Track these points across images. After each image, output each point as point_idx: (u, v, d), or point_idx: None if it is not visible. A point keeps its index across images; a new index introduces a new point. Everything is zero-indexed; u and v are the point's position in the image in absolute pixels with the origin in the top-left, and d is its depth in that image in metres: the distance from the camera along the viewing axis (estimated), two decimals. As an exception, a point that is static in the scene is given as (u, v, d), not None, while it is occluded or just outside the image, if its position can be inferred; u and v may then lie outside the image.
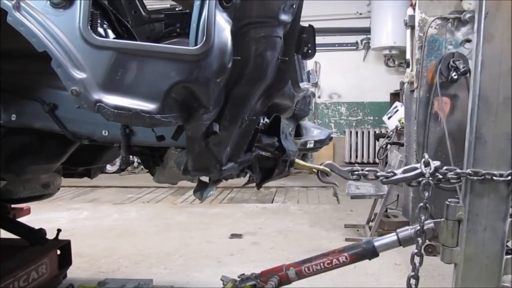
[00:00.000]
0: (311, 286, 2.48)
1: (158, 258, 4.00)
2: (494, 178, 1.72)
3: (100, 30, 1.49)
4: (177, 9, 2.74)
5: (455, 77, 3.89)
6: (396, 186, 4.74)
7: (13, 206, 3.14)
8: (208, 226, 5.18)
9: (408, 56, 4.61)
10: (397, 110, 6.45)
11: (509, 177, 1.72)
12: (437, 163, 1.82)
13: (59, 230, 3.03)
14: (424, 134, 4.10)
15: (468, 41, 4.01)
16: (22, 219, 3.13)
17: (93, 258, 3.97)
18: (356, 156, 9.94)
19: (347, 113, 10.34)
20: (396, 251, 2.15)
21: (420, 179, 1.82)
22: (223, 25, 1.39)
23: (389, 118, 6.63)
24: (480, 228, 1.78)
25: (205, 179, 1.95)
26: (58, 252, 2.97)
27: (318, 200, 6.76)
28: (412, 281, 1.82)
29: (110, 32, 1.55)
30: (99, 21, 1.48)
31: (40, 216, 4.71)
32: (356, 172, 1.94)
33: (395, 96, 8.83)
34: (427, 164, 1.82)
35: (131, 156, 2.12)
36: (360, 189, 4.78)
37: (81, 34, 1.34)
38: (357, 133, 10.02)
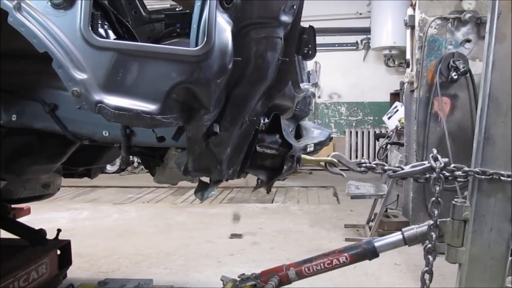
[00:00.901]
0: (311, 286, 2.48)
1: (158, 258, 4.00)
2: (502, 178, 1.72)
3: (101, 30, 1.49)
4: (177, 9, 2.74)
5: (455, 77, 3.90)
6: (396, 186, 4.74)
7: (13, 206, 3.13)
8: (208, 226, 5.18)
9: (408, 56, 4.61)
10: (397, 110, 6.46)
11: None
12: (445, 160, 1.82)
13: (59, 230, 3.03)
14: (424, 134, 4.11)
15: (468, 41, 4.02)
16: (22, 219, 3.12)
17: (93, 258, 3.97)
18: (356, 156, 9.93)
19: (347, 113, 10.34)
20: (396, 251, 2.15)
21: (428, 175, 1.82)
22: (224, 26, 1.39)
23: (389, 118, 6.65)
24: (486, 228, 1.77)
25: (205, 179, 1.95)
26: (58, 252, 2.96)
27: (318, 200, 6.76)
28: (426, 276, 1.82)
29: (111, 32, 1.55)
30: (100, 22, 1.48)
31: (40, 216, 4.71)
32: (364, 165, 1.93)
33: (395, 96, 8.84)
34: (436, 159, 1.81)
35: (131, 156, 2.12)
36: (360, 189, 4.76)
37: (82, 35, 1.34)
38: (357, 133, 10.03)
